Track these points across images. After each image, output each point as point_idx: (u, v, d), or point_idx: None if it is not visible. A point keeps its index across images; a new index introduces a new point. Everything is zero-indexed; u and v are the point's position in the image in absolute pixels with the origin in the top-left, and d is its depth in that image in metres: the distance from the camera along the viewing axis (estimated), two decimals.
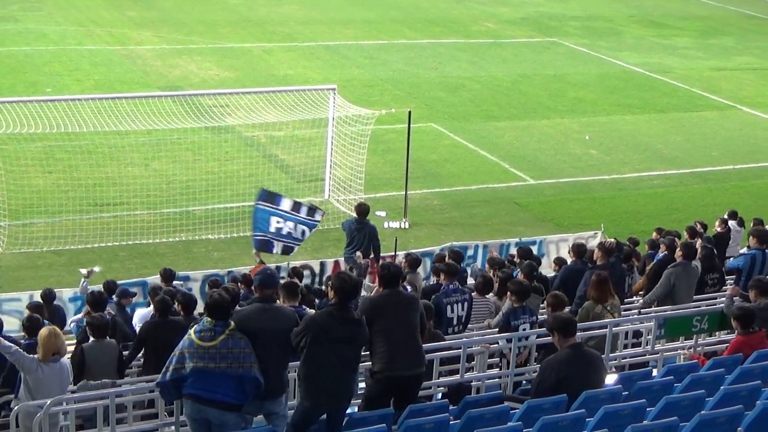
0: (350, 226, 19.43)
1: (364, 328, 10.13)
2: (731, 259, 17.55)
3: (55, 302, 16.57)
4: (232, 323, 9.94)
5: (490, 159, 30.15)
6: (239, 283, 16.12)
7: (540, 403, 9.92)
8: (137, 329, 14.74)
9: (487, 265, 16.87)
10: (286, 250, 17.91)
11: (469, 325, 14.39)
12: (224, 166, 27.41)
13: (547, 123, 34.40)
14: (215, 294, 10.23)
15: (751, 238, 16.98)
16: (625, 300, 15.90)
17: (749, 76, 43.35)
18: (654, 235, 19.80)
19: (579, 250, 16.25)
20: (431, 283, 16.60)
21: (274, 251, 17.93)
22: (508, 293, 13.74)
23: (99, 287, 16.18)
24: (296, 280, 15.38)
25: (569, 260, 16.47)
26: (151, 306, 14.50)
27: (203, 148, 28.40)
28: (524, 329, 13.04)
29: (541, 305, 14.88)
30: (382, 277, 10.65)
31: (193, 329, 9.99)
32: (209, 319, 9.93)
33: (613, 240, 17.16)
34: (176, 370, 9.86)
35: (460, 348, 12.42)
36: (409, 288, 14.48)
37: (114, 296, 15.63)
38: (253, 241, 18.13)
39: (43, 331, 11.55)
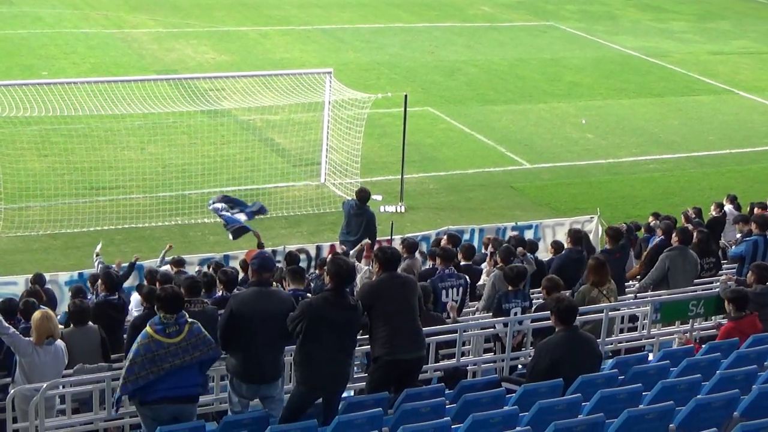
0: (349, 211, 19.39)
1: (359, 314, 10.12)
2: (733, 247, 17.51)
3: (49, 287, 16.54)
4: (186, 313, 9.80)
5: (486, 143, 30.10)
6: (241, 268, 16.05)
7: (536, 388, 9.93)
8: (133, 313, 14.72)
9: (491, 248, 16.76)
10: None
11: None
12: (220, 150, 27.34)
13: (544, 107, 34.35)
14: (168, 288, 9.96)
15: (752, 224, 16.94)
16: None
17: (746, 60, 43.29)
18: (650, 219, 19.79)
19: (576, 236, 16.20)
20: (426, 267, 16.55)
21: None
22: (503, 278, 13.67)
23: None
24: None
25: (566, 246, 16.42)
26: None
27: (199, 132, 28.35)
28: (515, 313, 13.03)
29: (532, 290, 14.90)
30: (380, 260, 10.63)
31: (151, 330, 9.60)
32: (166, 314, 9.63)
33: (622, 225, 17.16)
34: (143, 377, 9.51)
35: (456, 332, 12.44)
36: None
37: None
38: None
39: (36, 315, 11.46)
